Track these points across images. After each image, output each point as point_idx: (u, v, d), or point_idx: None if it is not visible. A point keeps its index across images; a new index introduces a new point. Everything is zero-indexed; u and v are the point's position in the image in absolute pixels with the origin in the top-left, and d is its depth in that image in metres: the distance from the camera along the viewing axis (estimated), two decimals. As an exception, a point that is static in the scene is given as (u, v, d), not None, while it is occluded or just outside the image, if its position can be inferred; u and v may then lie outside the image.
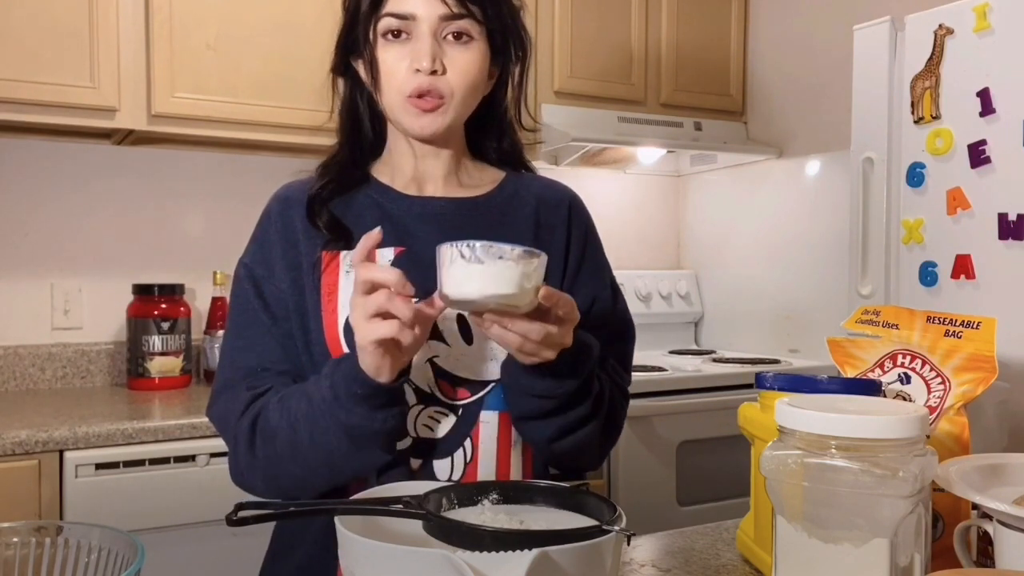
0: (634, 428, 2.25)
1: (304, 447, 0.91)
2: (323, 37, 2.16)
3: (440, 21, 0.97)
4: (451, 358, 0.99)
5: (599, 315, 1.10)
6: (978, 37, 1.67)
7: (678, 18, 2.79)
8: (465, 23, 0.97)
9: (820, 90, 2.68)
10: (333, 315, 0.99)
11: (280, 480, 0.96)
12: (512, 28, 1.04)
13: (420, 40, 0.96)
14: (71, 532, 0.71)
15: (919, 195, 1.79)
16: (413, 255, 1.01)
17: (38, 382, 2.26)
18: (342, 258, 1.00)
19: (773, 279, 2.84)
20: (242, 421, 0.96)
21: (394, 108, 1.00)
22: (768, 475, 0.71)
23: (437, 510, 0.72)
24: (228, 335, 1.04)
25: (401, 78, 0.97)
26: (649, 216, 3.18)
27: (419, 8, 0.96)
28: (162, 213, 2.41)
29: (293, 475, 0.94)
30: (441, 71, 0.97)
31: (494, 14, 1.00)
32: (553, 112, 2.56)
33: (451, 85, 0.98)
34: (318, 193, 1.03)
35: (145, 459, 1.77)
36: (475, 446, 0.99)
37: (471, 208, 1.06)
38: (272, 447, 0.94)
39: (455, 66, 0.98)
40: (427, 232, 1.02)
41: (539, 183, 1.14)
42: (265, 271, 1.02)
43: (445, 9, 0.96)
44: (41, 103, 1.93)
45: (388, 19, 0.97)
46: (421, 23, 0.96)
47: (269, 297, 1.01)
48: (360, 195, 1.05)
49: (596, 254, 1.13)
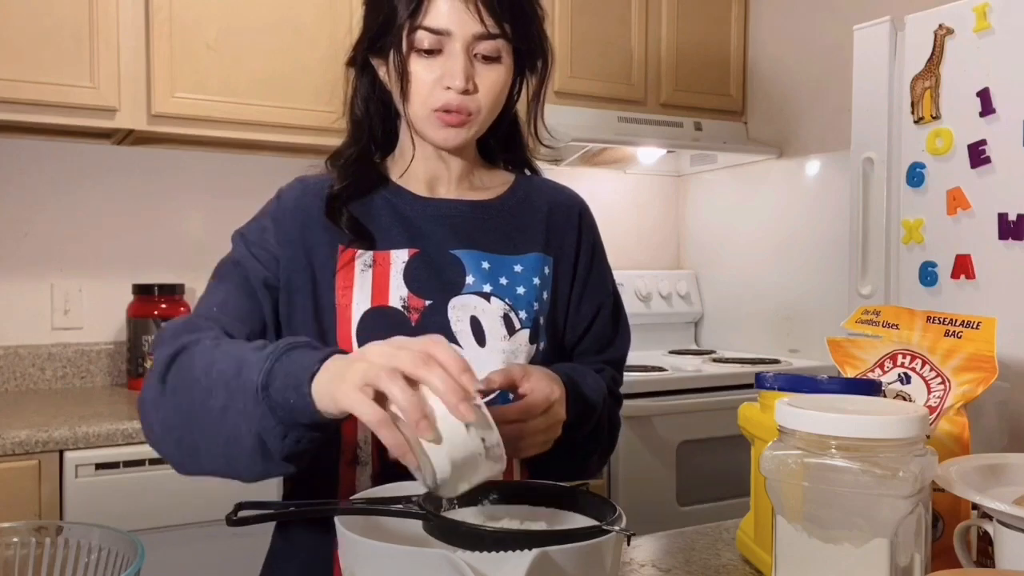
0: (634, 428, 2.25)
1: (212, 415, 0.80)
2: (323, 37, 2.19)
3: (474, 40, 0.96)
4: None
5: (601, 323, 1.12)
6: (978, 37, 1.67)
7: (678, 18, 2.78)
8: (499, 43, 0.97)
9: (820, 90, 2.68)
10: (347, 310, 0.98)
11: (176, 435, 0.85)
12: (538, 43, 1.04)
13: (453, 58, 0.96)
14: (71, 532, 0.71)
15: (919, 195, 1.79)
16: (427, 257, 1.01)
17: (38, 382, 2.26)
18: (357, 256, 1.00)
19: (773, 279, 2.84)
20: (163, 349, 0.87)
21: (419, 119, 1.00)
22: (768, 475, 0.71)
23: (437, 510, 0.72)
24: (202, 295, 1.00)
25: (430, 92, 0.97)
26: (649, 216, 3.18)
27: (454, 25, 0.95)
28: (162, 213, 2.41)
29: (191, 438, 0.83)
30: (473, 90, 0.97)
31: (524, 32, 1.00)
32: (553, 112, 2.55)
33: (479, 104, 0.98)
34: (339, 193, 1.02)
35: (145, 459, 1.77)
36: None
37: (484, 211, 1.07)
38: (182, 396, 0.83)
39: (485, 84, 0.98)
40: (441, 235, 1.02)
41: (550, 187, 1.14)
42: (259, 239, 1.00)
43: (480, 28, 0.95)
44: (41, 103, 1.93)
45: (423, 33, 0.96)
46: (455, 41, 0.95)
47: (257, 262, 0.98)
48: (377, 197, 1.05)
49: (602, 262, 1.15)
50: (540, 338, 1.03)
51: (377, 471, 0.98)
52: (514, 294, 1.02)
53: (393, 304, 0.98)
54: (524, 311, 1.01)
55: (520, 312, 1.01)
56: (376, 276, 0.99)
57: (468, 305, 1.00)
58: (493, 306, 1.00)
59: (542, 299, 1.04)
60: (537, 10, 1.03)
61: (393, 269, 1.00)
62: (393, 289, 0.99)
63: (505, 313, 1.00)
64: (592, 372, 1.05)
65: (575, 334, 1.10)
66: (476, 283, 1.01)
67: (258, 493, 0.77)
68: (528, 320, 1.01)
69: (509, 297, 1.01)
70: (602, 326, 1.12)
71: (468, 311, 0.99)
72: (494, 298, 1.00)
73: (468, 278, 1.01)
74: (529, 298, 1.02)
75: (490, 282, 1.01)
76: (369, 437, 0.98)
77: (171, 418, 0.85)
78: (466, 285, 1.00)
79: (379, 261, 1.00)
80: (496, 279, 1.02)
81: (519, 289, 1.02)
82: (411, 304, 0.98)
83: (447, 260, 1.01)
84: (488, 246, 1.03)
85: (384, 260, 1.00)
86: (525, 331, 1.01)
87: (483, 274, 1.01)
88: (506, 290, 1.01)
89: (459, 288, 1.00)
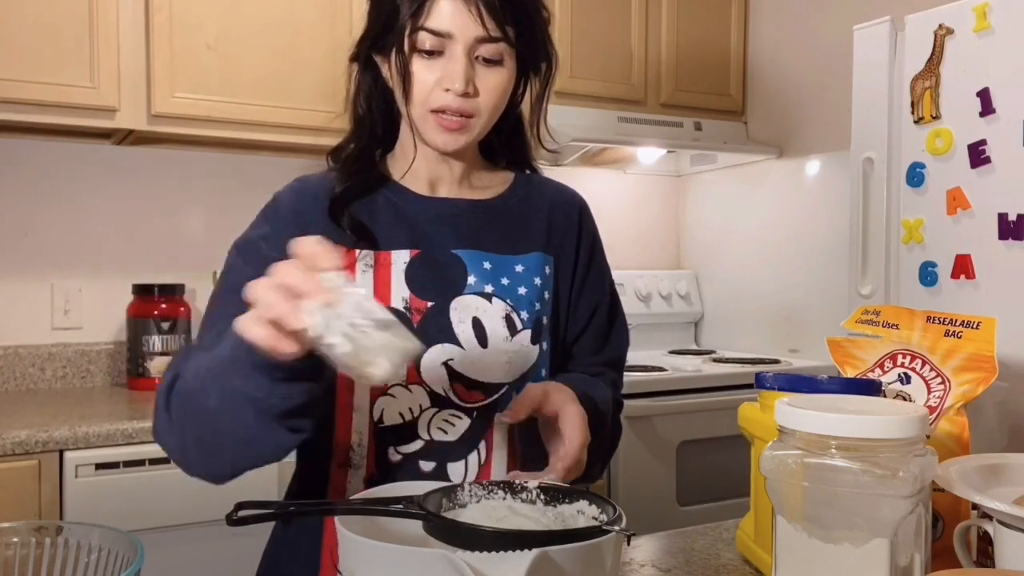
0: (634, 428, 2.25)
1: (212, 412, 0.79)
2: (323, 37, 2.19)
3: (475, 43, 0.95)
4: (466, 361, 0.98)
5: (599, 322, 1.12)
6: (978, 37, 1.67)
7: (678, 18, 2.78)
8: (501, 47, 0.97)
9: (820, 90, 2.68)
10: None
11: (196, 449, 0.85)
12: (542, 46, 1.04)
13: (454, 60, 0.95)
14: (71, 532, 0.71)
15: (919, 195, 1.79)
16: (428, 257, 1.01)
17: (38, 382, 2.26)
18: (358, 256, 1.00)
19: (773, 279, 2.84)
20: (165, 376, 0.88)
21: (418, 119, 0.99)
22: (768, 475, 0.71)
23: (438, 511, 0.72)
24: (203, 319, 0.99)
25: (429, 93, 0.97)
26: (649, 216, 3.18)
27: (456, 28, 0.95)
28: (162, 213, 2.41)
29: (209, 445, 0.83)
30: (473, 93, 0.97)
31: (527, 35, 0.99)
32: (553, 112, 2.53)
33: (479, 106, 0.98)
34: (343, 194, 1.02)
35: (145, 459, 1.77)
36: (489, 448, 0.99)
37: (485, 211, 1.06)
38: (187, 409, 0.83)
39: (486, 88, 0.97)
40: (443, 235, 1.02)
41: (550, 187, 1.14)
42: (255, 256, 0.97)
43: (482, 31, 0.95)
44: (41, 103, 1.93)
45: (424, 34, 0.95)
46: (456, 43, 0.95)
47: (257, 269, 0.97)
48: (379, 196, 1.04)
49: (601, 262, 1.15)
50: (543, 338, 1.03)
51: (371, 475, 0.98)
52: (516, 294, 1.01)
53: (395, 305, 0.98)
54: (526, 311, 1.01)
55: (522, 312, 1.01)
56: (378, 277, 0.99)
57: (470, 306, 0.99)
58: (495, 307, 1.00)
59: (543, 299, 1.04)
60: (542, 11, 1.02)
61: (394, 269, 0.99)
62: (395, 290, 0.98)
63: (507, 314, 1.00)
64: (601, 384, 1.06)
65: (573, 333, 1.11)
66: (478, 283, 1.00)
67: (258, 493, 0.76)
68: (530, 321, 1.01)
69: (511, 298, 1.01)
70: (599, 325, 1.12)
71: (470, 312, 0.99)
72: (496, 299, 1.00)
73: (470, 278, 1.00)
74: (531, 298, 1.02)
75: (491, 282, 1.01)
76: (364, 440, 0.98)
77: (185, 436, 0.84)
78: (467, 285, 1.00)
79: (380, 262, 1.00)
80: (498, 279, 1.01)
81: (520, 289, 1.02)
82: (413, 305, 0.98)
83: (449, 260, 1.01)
84: (489, 246, 1.03)
85: (385, 261, 1.00)
86: (527, 331, 1.01)
87: (484, 274, 1.01)
88: (508, 290, 1.01)
89: (460, 288, 1.00)
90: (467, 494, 0.76)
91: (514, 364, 0.99)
